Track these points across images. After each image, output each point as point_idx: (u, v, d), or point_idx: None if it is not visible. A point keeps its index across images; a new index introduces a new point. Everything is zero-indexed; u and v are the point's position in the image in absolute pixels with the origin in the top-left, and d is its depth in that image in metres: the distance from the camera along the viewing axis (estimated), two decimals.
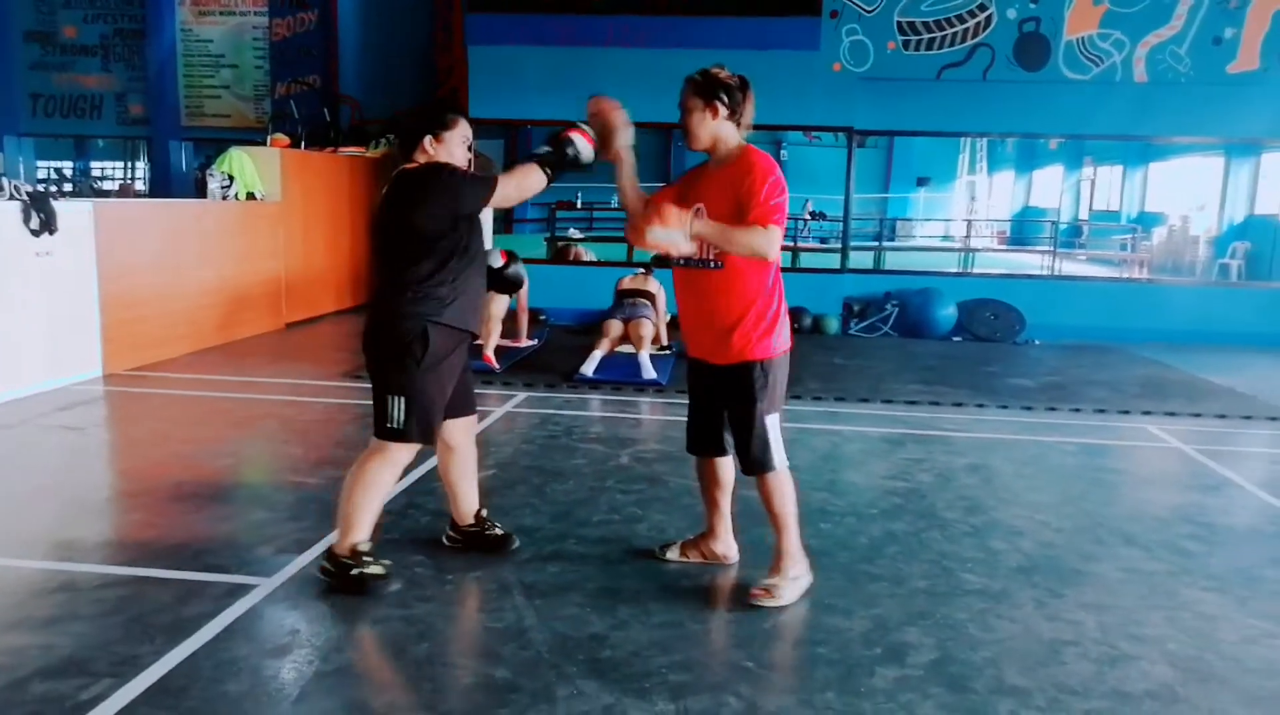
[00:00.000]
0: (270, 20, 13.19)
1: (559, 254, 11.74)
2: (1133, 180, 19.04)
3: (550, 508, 4.05)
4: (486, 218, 10.86)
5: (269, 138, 9.74)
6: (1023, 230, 21.69)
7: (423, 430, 3.11)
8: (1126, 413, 6.19)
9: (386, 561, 3.19)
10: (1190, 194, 16.54)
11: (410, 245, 3.04)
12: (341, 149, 10.77)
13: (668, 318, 7.62)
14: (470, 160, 3.31)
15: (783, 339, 3.16)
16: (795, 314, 9.46)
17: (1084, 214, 21.09)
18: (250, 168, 8.35)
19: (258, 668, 2.64)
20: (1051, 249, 15.81)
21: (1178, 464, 5.19)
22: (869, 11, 9.26)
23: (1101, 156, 20.51)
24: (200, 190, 7.98)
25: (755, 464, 3.16)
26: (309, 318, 9.27)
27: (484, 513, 3.56)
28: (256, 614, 2.97)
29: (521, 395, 6.22)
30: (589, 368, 6.57)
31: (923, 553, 3.63)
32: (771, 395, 3.13)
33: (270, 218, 8.55)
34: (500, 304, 7.24)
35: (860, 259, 10.52)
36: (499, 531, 3.55)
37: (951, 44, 9.23)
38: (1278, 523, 4.18)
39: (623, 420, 5.70)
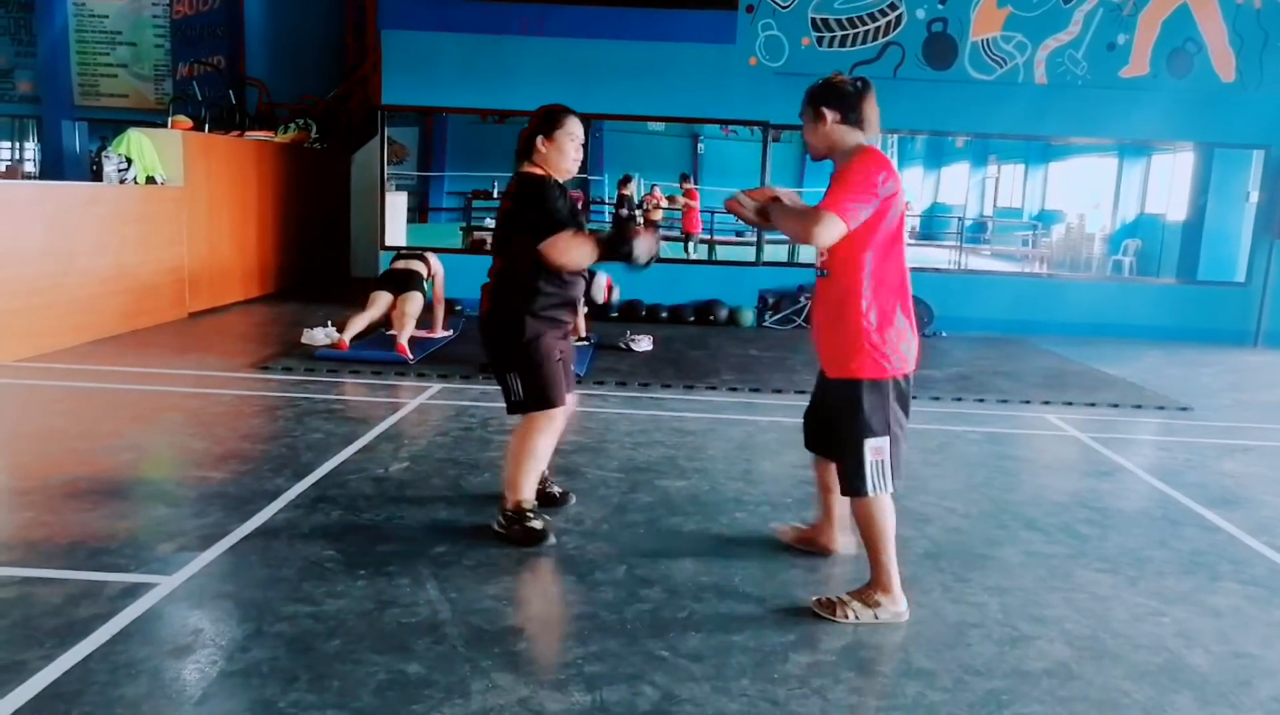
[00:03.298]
0: None
1: (476, 243, 11.59)
2: (1034, 178, 19.75)
3: (465, 501, 4.00)
4: (401, 205, 10.67)
5: (170, 119, 9.37)
6: (931, 225, 22.29)
7: (539, 399, 3.45)
8: (1028, 403, 6.42)
9: (547, 517, 3.57)
10: (1086, 193, 17.23)
11: (513, 243, 3.42)
12: (248, 133, 10.42)
13: (584, 308, 7.60)
14: (579, 159, 3.53)
15: (891, 360, 2.95)
16: (710, 307, 9.55)
17: (989, 210, 21.79)
18: (150, 150, 8.02)
19: (158, 670, 2.54)
20: (958, 244, 16.29)
21: (1074, 451, 5.41)
22: (784, 7, 9.38)
23: (1005, 155, 21.21)
24: (96, 173, 7.62)
25: (848, 487, 3.04)
26: (215, 307, 8.96)
27: (546, 474, 3.87)
28: (156, 614, 2.85)
29: (436, 386, 6.13)
30: None
31: None
32: (871, 417, 2.96)
33: (172, 203, 8.22)
34: (415, 304, 7.08)
35: (775, 252, 10.66)
36: (556, 490, 3.95)
37: (863, 41, 9.42)
38: (1164, 506, 4.40)
39: None
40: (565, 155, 3.44)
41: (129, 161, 7.71)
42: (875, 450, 2.97)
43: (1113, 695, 2.65)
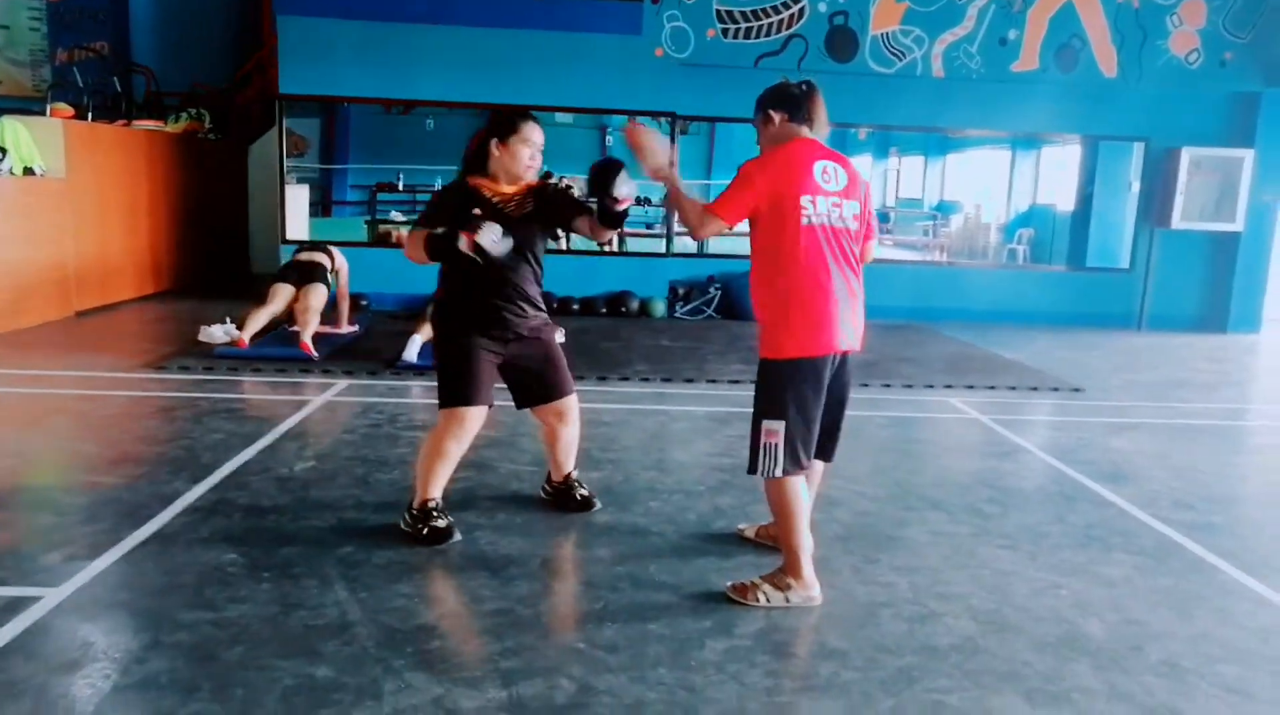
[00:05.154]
0: None
1: (380, 237, 11.31)
2: (933, 170, 20.33)
3: (374, 498, 3.91)
4: (302, 198, 10.35)
5: (49, 107, 8.87)
6: None
7: (446, 396, 3.45)
8: (932, 387, 6.61)
9: (450, 518, 3.49)
10: (982, 184, 17.82)
11: None
12: (136, 122, 9.94)
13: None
14: (536, 165, 3.58)
15: (795, 341, 3.00)
16: (621, 298, 9.54)
17: (890, 201, 22.34)
18: (27, 140, 7.58)
19: (43, 687, 2.40)
20: None
21: (977, 433, 5.59)
22: None
23: (906, 147, 21.77)
24: None
25: (748, 462, 3.09)
26: (104, 305, 8.54)
27: (574, 475, 3.88)
28: (42, 628, 2.70)
29: (342, 383, 5.96)
30: (410, 353, 6.37)
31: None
32: (771, 398, 3.00)
33: (54, 196, 7.79)
34: (318, 297, 6.87)
35: (684, 243, 10.71)
36: (584, 493, 3.87)
37: (768, 34, 9.53)
38: (1060, 483, 4.58)
39: None
40: (518, 161, 3.47)
41: (4, 151, 7.27)
42: (768, 431, 3.02)
43: (1016, 666, 2.74)
